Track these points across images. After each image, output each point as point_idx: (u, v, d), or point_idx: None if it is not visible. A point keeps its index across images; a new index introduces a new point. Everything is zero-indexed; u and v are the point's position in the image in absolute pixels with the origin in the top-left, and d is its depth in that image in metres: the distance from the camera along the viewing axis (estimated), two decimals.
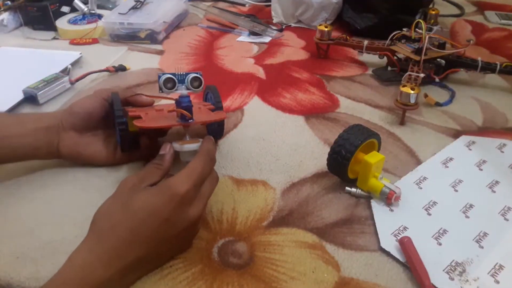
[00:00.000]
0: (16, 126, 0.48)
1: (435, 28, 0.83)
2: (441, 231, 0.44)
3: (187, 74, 0.46)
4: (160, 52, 0.85)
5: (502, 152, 0.57)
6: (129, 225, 0.36)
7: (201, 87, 0.46)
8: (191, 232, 0.41)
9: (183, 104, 0.44)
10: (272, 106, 0.67)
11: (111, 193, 0.40)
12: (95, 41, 0.89)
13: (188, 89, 0.46)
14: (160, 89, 0.45)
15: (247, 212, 0.47)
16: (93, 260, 0.35)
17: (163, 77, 0.45)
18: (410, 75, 0.63)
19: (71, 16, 0.95)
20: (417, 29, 0.74)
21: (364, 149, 0.48)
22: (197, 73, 0.46)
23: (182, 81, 0.46)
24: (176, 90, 0.46)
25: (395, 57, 0.74)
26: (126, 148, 0.51)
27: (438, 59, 0.70)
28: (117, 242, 0.36)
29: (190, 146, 0.44)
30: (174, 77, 0.45)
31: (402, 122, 0.62)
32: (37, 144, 0.48)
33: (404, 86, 0.60)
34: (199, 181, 0.39)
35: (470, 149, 0.57)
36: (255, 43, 0.89)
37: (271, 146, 0.57)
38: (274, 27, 0.94)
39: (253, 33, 0.92)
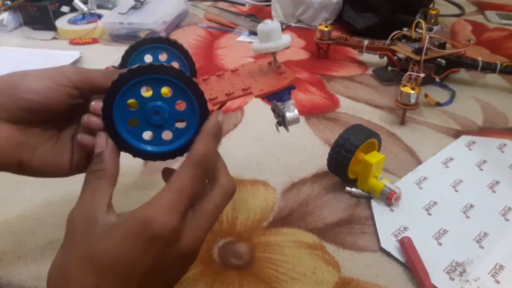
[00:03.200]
0: None
1: (435, 28, 0.84)
2: (441, 231, 0.44)
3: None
4: None
5: (503, 152, 0.57)
6: None
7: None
8: (188, 265, 0.30)
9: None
10: None
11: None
12: (95, 41, 0.89)
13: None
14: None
15: (247, 212, 0.47)
16: None
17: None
18: (410, 75, 0.63)
19: (71, 16, 0.95)
20: (417, 29, 0.74)
21: (364, 149, 0.48)
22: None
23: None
24: None
25: (395, 57, 0.74)
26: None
27: (439, 59, 0.70)
28: None
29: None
30: None
31: (402, 122, 0.62)
32: None
33: (404, 86, 0.60)
34: (189, 206, 0.28)
35: (471, 149, 0.57)
36: None
37: (271, 146, 0.57)
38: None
39: (253, 33, 0.92)
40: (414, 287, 0.39)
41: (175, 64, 0.40)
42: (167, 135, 0.32)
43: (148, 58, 0.40)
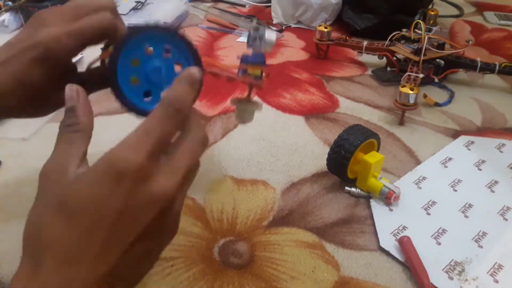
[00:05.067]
0: None
1: (434, 28, 0.84)
2: (440, 231, 0.44)
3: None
4: None
5: (501, 152, 0.57)
6: (73, 237, 0.24)
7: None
8: (167, 218, 0.28)
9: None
10: (272, 106, 0.67)
11: None
12: None
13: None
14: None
15: (247, 212, 0.47)
16: None
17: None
18: (409, 75, 0.64)
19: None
20: (416, 30, 0.74)
21: (364, 149, 0.48)
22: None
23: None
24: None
25: (395, 58, 0.74)
26: None
27: (437, 60, 0.71)
28: (61, 267, 0.24)
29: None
30: None
31: (401, 122, 0.62)
32: None
33: (403, 86, 0.60)
34: (158, 147, 0.26)
35: (469, 149, 0.57)
36: None
37: (271, 146, 0.57)
38: (274, 28, 0.94)
39: None
40: (413, 286, 0.39)
41: (177, 67, 0.39)
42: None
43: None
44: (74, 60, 0.35)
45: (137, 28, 0.31)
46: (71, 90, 0.29)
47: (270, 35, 0.38)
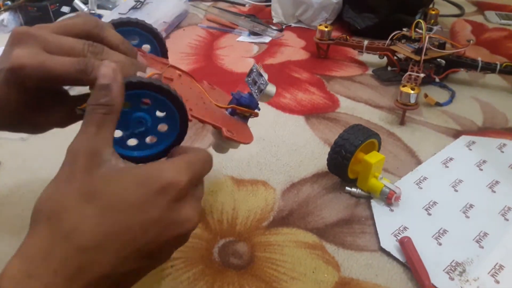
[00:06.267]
0: None
1: (435, 28, 0.83)
2: (441, 231, 0.44)
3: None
4: None
5: (502, 152, 0.57)
6: (100, 232, 0.24)
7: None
8: (179, 244, 0.29)
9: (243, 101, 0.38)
10: (272, 106, 0.67)
11: None
12: None
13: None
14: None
15: (247, 212, 0.47)
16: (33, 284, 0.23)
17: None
18: (410, 75, 0.63)
19: (71, 16, 0.95)
20: (417, 29, 0.74)
21: (364, 149, 0.48)
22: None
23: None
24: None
25: (395, 57, 0.74)
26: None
27: (438, 59, 0.70)
28: (82, 252, 0.24)
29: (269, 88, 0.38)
30: None
31: (402, 122, 0.62)
32: None
33: (404, 86, 0.60)
34: (197, 179, 0.29)
35: (470, 149, 0.57)
36: (255, 43, 0.89)
37: (271, 146, 0.57)
38: (274, 27, 0.94)
39: (253, 33, 0.92)
40: (414, 287, 0.39)
41: (146, 47, 0.39)
42: (151, 139, 0.33)
43: None
44: None
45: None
46: (108, 67, 0.27)
47: (271, 88, 0.38)
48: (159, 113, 0.32)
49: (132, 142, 0.32)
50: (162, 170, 0.26)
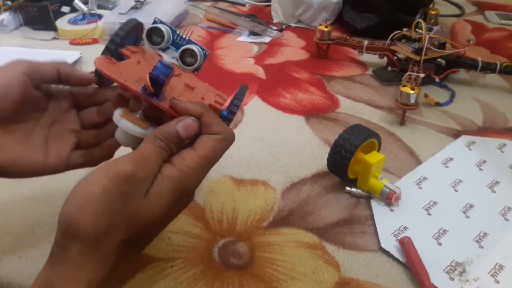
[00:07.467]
0: None
1: (435, 28, 0.84)
2: (441, 231, 0.44)
3: (189, 41, 0.35)
4: None
5: (502, 152, 0.57)
6: (131, 241, 0.29)
7: (194, 66, 0.34)
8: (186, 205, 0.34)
9: (153, 72, 0.32)
10: (272, 106, 0.67)
11: None
12: (95, 41, 0.89)
13: (177, 60, 0.34)
14: (142, 39, 0.35)
15: (247, 212, 0.47)
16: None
17: (151, 26, 0.33)
18: (410, 75, 0.63)
19: (71, 16, 0.95)
20: (417, 29, 0.74)
21: (364, 149, 0.48)
22: (197, 46, 0.34)
23: (176, 45, 0.34)
24: (163, 50, 0.34)
25: (395, 57, 0.74)
26: None
27: (438, 59, 0.70)
28: (125, 251, 0.29)
29: (132, 127, 0.32)
30: (165, 32, 0.33)
31: (402, 122, 0.62)
32: None
33: (404, 86, 0.60)
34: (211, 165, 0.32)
35: (470, 149, 0.57)
36: (255, 43, 0.89)
37: (271, 146, 0.57)
38: (274, 27, 0.94)
39: (253, 33, 0.92)
40: (414, 287, 0.39)
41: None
42: None
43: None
44: (73, 60, 0.37)
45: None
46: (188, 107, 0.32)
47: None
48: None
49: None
50: (182, 182, 0.30)
